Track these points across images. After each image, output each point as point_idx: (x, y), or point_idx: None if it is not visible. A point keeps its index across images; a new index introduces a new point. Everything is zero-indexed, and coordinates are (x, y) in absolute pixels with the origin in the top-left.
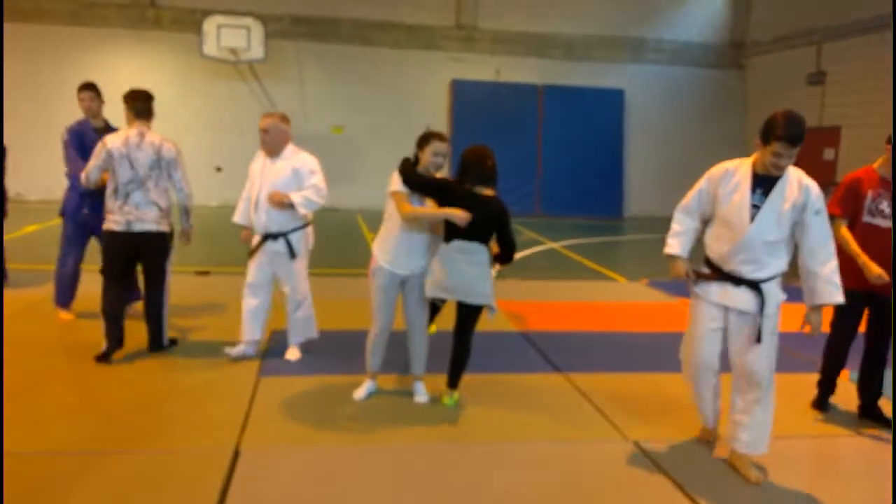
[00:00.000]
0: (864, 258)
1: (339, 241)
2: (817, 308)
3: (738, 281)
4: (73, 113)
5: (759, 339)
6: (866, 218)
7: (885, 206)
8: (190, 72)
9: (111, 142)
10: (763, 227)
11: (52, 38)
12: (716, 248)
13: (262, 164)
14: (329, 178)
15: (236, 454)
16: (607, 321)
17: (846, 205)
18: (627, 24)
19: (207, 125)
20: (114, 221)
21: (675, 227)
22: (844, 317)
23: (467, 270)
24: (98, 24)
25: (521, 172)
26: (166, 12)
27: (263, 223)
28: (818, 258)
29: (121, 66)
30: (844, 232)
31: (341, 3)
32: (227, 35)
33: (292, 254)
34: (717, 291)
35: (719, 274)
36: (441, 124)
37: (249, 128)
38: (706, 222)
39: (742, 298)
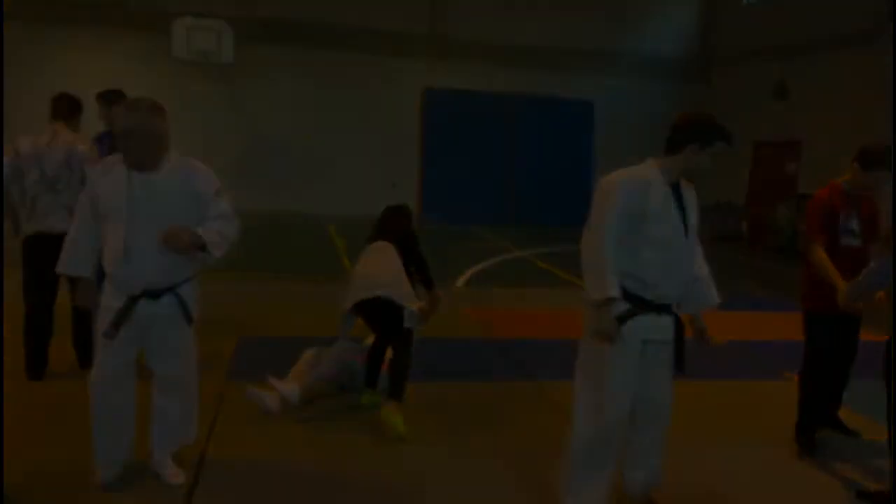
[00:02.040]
0: (841, 285)
1: (306, 247)
2: (699, 313)
3: (660, 308)
4: (36, 114)
5: (682, 368)
6: (844, 241)
7: (855, 225)
8: (159, 73)
9: (21, 142)
10: (693, 240)
11: (16, 36)
12: (643, 274)
13: (126, 184)
14: (299, 183)
15: (202, 461)
16: (578, 329)
17: (827, 229)
18: (599, 37)
19: (175, 128)
20: (28, 226)
21: (607, 259)
22: (819, 342)
23: (381, 264)
24: (64, 23)
25: (492, 181)
26: (135, 13)
27: (145, 275)
28: (696, 261)
29: (87, 66)
30: (822, 255)
31: (313, 8)
32: (197, 37)
33: (189, 316)
34: (643, 326)
35: (644, 305)
36: (413, 133)
37: (218, 129)
38: None
39: (666, 327)
